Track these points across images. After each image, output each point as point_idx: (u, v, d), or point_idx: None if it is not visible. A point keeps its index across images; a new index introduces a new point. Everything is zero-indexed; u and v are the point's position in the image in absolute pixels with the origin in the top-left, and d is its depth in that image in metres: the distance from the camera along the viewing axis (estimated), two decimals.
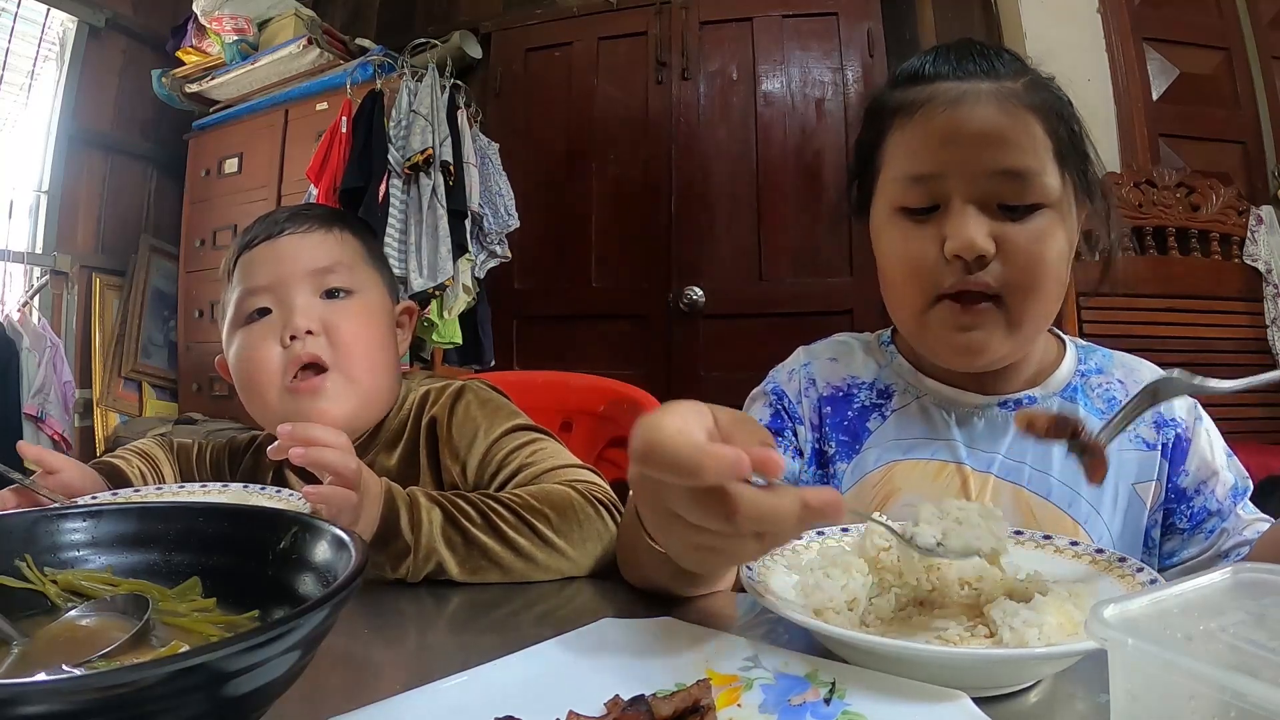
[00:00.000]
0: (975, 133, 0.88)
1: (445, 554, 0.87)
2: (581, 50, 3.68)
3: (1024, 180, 0.87)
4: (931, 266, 0.90)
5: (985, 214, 0.88)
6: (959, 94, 0.90)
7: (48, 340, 3.67)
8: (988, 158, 0.87)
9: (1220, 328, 2.95)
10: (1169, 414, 0.97)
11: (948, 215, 0.89)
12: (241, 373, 1.07)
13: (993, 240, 0.87)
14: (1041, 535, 0.77)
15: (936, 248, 0.89)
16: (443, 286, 3.16)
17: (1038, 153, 0.88)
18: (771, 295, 3.32)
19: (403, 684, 0.53)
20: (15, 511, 0.59)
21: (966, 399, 0.99)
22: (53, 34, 3.97)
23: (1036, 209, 0.88)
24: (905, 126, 0.93)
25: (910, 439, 0.99)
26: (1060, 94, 0.94)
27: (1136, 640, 0.39)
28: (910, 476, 0.98)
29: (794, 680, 0.55)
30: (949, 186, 0.89)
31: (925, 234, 0.90)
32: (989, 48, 0.95)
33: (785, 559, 0.74)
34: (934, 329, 0.92)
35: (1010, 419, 0.96)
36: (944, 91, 0.90)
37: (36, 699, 0.35)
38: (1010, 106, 0.88)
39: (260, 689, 0.42)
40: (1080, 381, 1.00)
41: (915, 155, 0.92)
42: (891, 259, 0.95)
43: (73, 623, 0.54)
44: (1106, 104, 3.08)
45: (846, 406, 1.04)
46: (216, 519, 0.61)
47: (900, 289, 0.94)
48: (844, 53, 3.38)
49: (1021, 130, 0.88)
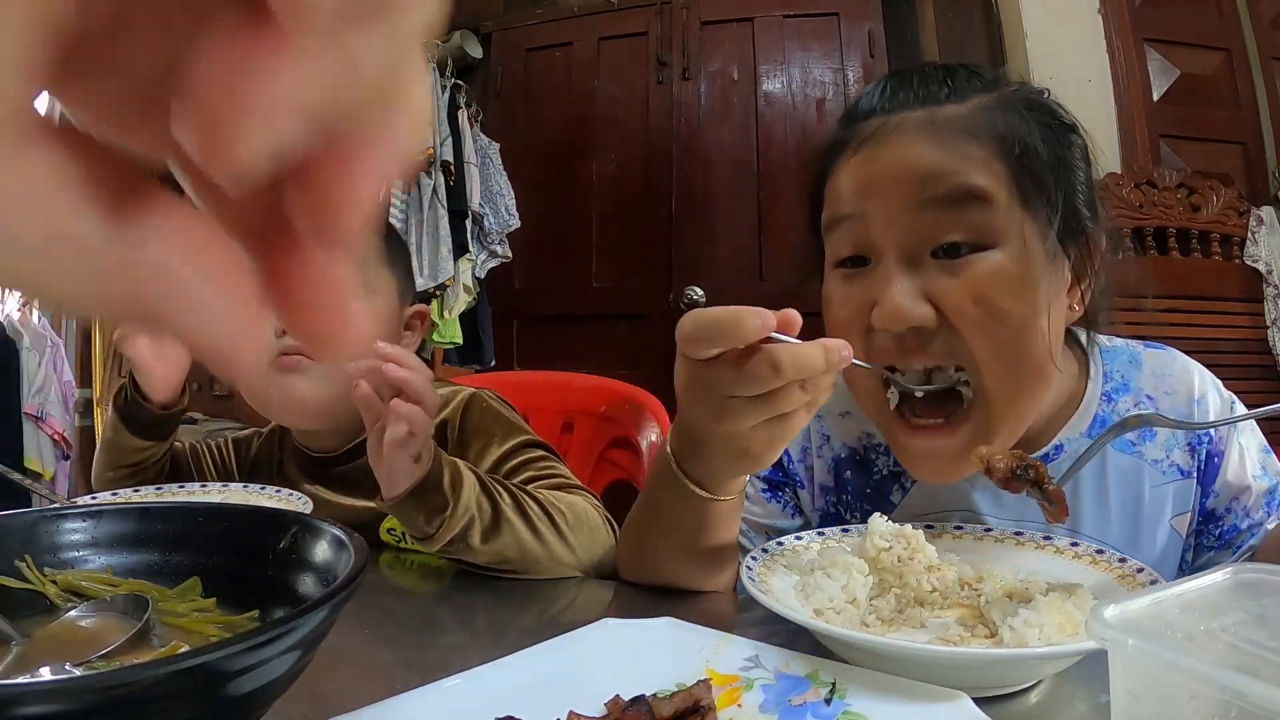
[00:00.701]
0: (891, 165, 0.77)
1: (475, 518, 0.87)
2: (582, 50, 3.69)
3: (958, 211, 0.74)
4: (865, 336, 0.79)
5: (917, 271, 0.76)
6: (879, 127, 0.79)
7: (48, 339, 3.67)
8: (906, 191, 0.75)
9: (1221, 328, 2.94)
10: (1206, 440, 0.88)
11: (878, 273, 0.77)
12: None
13: (927, 303, 0.74)
14: (1042, 536, 0.77)
15: (868, 311, 0.77)
16: (443, 286, 3.16)
17: (976, 176, 0.74)
18: (772, 295, 3.31)
19: (403, 684, 0.53)
20: (15, 512, 0.59)
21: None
22: None
23: (981, 250, 0.74)
24: (834, 169, 0.83)
25: (935, 512, 0.89)
26: (1054, 114, 0.82)
27: (1137, 640, 0.39)
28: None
29: (794, 680, 0.55)
30: (874, 233, 0.77)
31: (857, 294, 0.79)
32: (944, 68, 0.82)
33: (785, 559, 0.74)
34: (892, 431, 0.82)
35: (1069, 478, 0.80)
36: (867, 128, 0.80)
37: (36, 699, 0.35)
38: (941, 133, 0.76)
39: (260, 689, 0.42)
40: (1108, 410, 0.89)
41: (836, 198, 0.82)
42: (828, 324, 0.83)
43: (72, 623, 0.54)
44: (1107, 104, 3.08)
45: (867, 474, 0.95)
46: (216, 519, 0.61)
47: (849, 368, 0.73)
48: (845, 53, 3.38)
49: (953, 156, 0.75)
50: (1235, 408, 0.89)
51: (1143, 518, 0.87)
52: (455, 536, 0.86)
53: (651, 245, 3.48)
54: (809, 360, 0.65)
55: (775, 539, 0.78)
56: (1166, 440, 0.88)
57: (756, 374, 0.65)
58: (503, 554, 0.89)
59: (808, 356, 0.65)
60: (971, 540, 0.80)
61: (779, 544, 0.77)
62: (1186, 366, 0.92)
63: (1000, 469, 0.67)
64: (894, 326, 0.75)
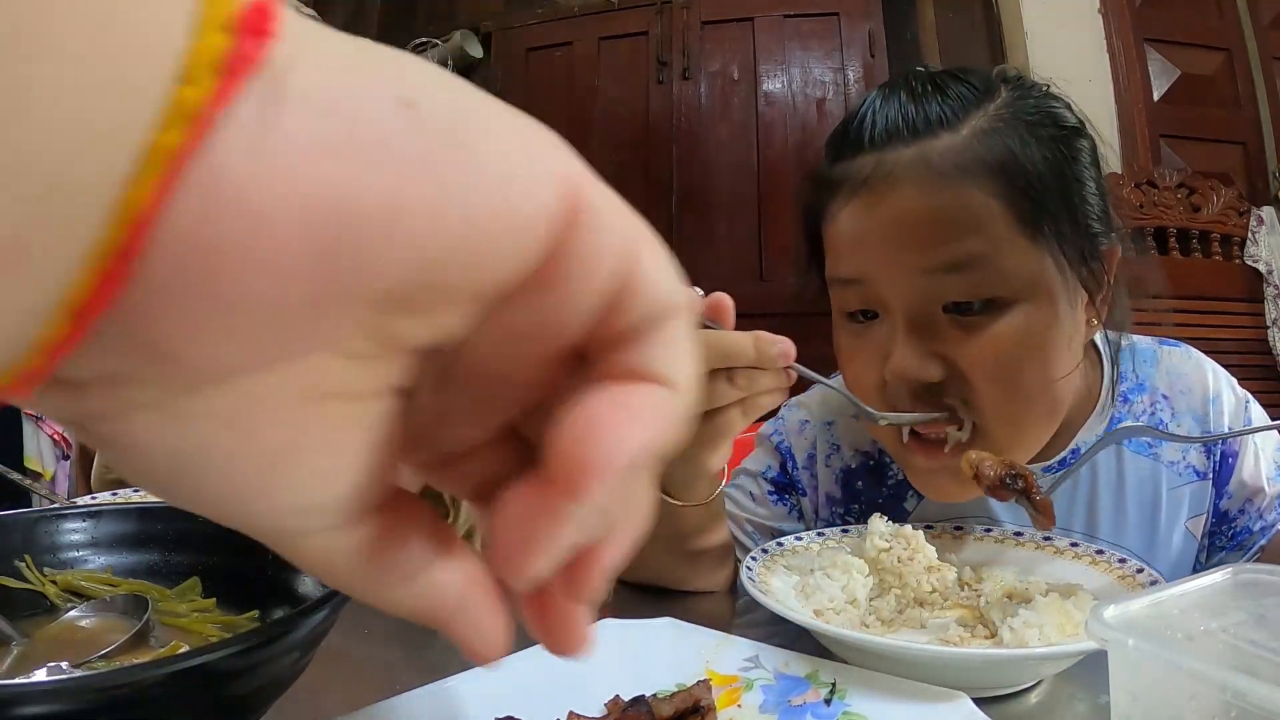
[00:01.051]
0: (889, 225, 0.73)
1: (476, 526, 0.86)
2: (582, 50, 3.69)
3: (968, 273, 0.71)
4: (879, 389, 0.76)
5: (929, 326, 0.73)
6: (872, 169, 0.74)
7: None
8: (909, 257, 0.72)
9: (1221, 329, 2.94)
10: (1217, 427, 0.87)
11: (886, 327, 0.75)
12: None
13: (937, 362, 0.72)
14: (1042, 536, 0.77)
15: (880, 364, 0.75)
16: None
17: (983, 231, 0.70)
18: (772, 295, 3.32)
19: (403, 684, 0.53)
20: (15, 511, 0.59)
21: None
22: None
23: (998, 307, 0.71)
24: (831, 211, 0.79)
25: (952, 519, 0.87)
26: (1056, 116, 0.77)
27: (1137, 640, 0.39)
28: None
29: (794, 681, 0.55)
30: (881, 292, 0.74)
31: (868, 347, 0.77)
32: (935, 80, 0.77)
33: (785, 559, 0.75)
34: (905, 458, 0.80)
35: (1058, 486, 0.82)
36: (859, 168, 0.75)
37: (36, 699, 0.35)
38: (937, 178, 0.71)
39: (260, 689, 0.42)
40: (1123, 410, 0.88)
41: (837, 255, 0.78)
42: (845, 372, 0.82)
43: (72, 623, 0.54)
44: (1107, 105, 3.08)
45: (879, 481, 0.93)
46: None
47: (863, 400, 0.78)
48: (845, 53, 3.37)
49: (954, 209, 0.70)
50: (1250, 407, 0.89)
51: (1160, 521, 0.86)
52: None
53: None
54: (733, 346, 0.65)
55: (776, 539, 0.78)
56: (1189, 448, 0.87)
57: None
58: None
59: (733, 343, 0.65)
60: (971, 540, 0.80)
61: (779, 544, 0.77)
62: (1201, 365, 0.92)
63: (989, 476, 0.66)
64: (904, 385, 0.73)
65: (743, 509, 0.97)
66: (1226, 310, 2.97)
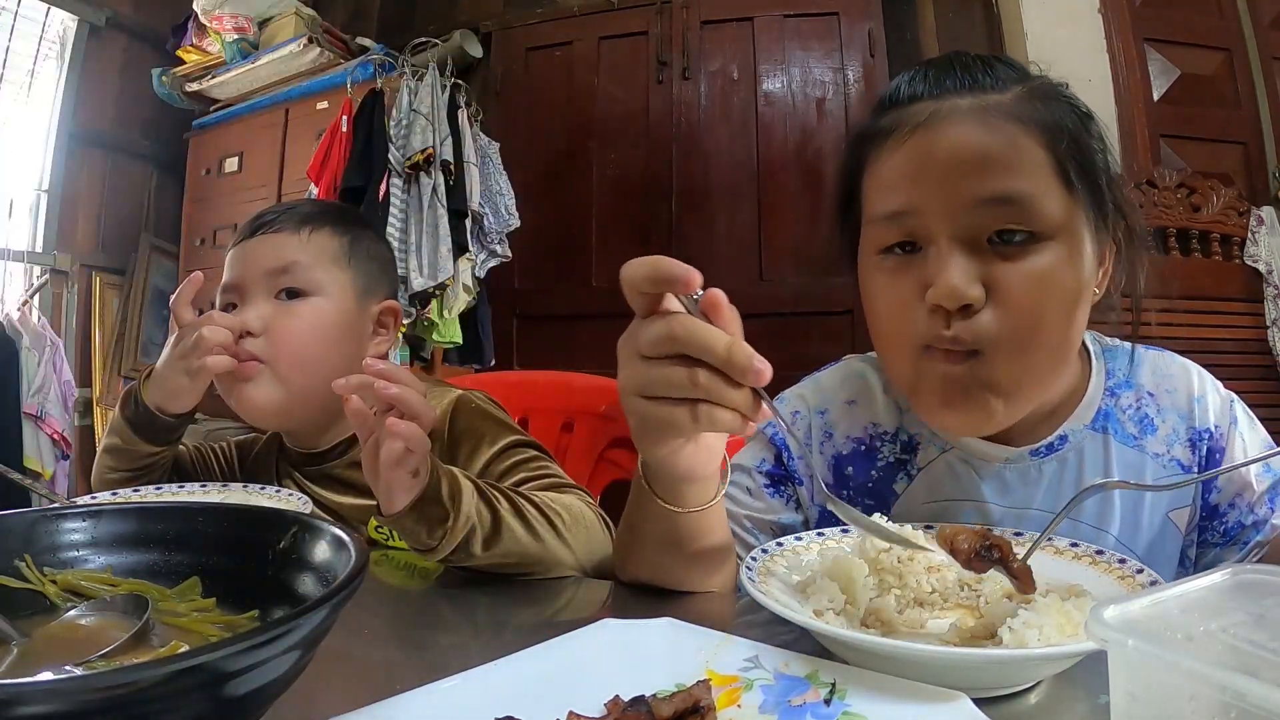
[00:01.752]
0: (947, 158, 0.77)
1: (476, 527, 0.86)
2: (582, 50, 3.69)
3: (1016, 207, 0.76)
4: (914, 317, 0.79)
5: (974, 252, 0.77)
6: (929, 114, 0.79)
7: (48, 339, 3.67)
8: (965, 186, 0.76)
9: (1221, 328, 2.95)
10: (1202, 424, 0.90)
11: (930, 256, 0.78)
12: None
13: (981, 285, 0.76)
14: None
15: (919, 295, 0.78)
16: (443, 286, 3.16)
17: (1032, 173, 0.77)
18: (772, 295, 3.32)
19: (403, 684, 0.53)
20: (15, 511, 0.59)
21: (996, 452, 0.89)
22: (53, 33, 3.98)
23: (1036, 241, 0.76)
24: (877, 158, 0.83)
25: (940, 501, 0.91)
26: (1074, 104, 0.83)
27: (1137, 641, 0.39)
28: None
29: (794, 681, 0.55)
30: (929, 223, 0.78)
31: (908, 280, 0.80)
32: (979, 58, 0.84)
33: (785, 559, 0.75)
34: (923, 395, 0.83)
35: (1044, 468, 0.88)
36: (914, 114, 0.80)
37: (36, 699, 0.35)
38: (993, 121, 0.77)
39: (260, 689, 0.42)
40: (1110, 403, 0.91)
41: (887, 191, 0.82)
42: (874, 310, 0.85)
43: (72, 623, 0.54)
44: (1107, 105, 3.08)
45: (869, 464, 0.96)
46: (216, 519, 0.61)
47: (886, 344, 0.85)
48: (845, 53, 3.38)
49: (1008, 147, 0.77)
50: (1234, 407, 0.91)
51: (1143, 510, 0.89)
52: (457, 546, 0.85)
53: (651, 245, 3.47)
54: (706, 338, 0.63)
55: (775, 539, 0.78)
56: (1168, 435, 0.90)
57: (654, 330, 0.65)
58: (503, 558, 0.89)
59: (708, 335, 0.63)
60: None
61: (779, 544, 0.77)
62: (1185, 366, 0.95)
63: (964, 550, 0.64)
64: (950, 304, 0.76)
65: (740, 505, 0.97)
66: (1226, 310, 2.97)
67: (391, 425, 0.77)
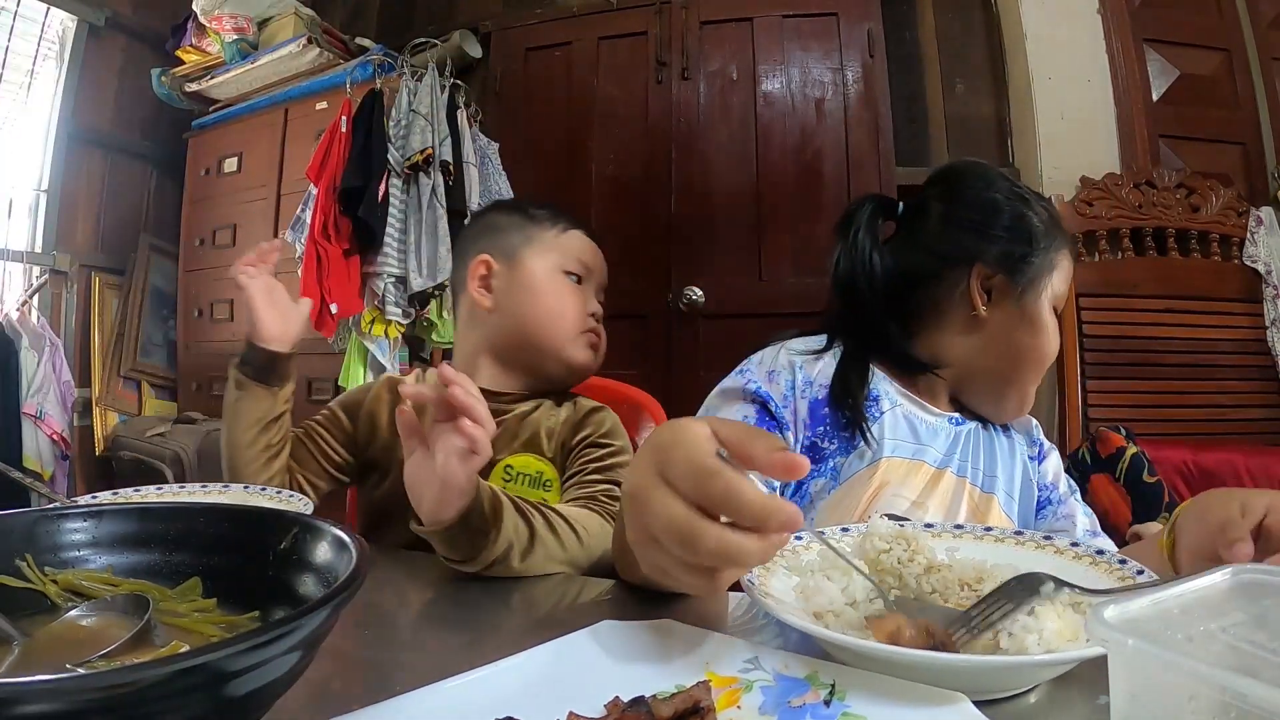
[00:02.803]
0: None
1: (514, 542, 0.91)
2: (581, 50, 3.68)
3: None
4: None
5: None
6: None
7: (47, 339, 3.67)
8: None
9: (1220, 329, 2.95)
10: (1037, 435, 1.29)
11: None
12: (556, 301, 1.35)
13: None
14: (1043, 536, 0.77)
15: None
16: (442, 286, 3.16)
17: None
18: (771, 295, 3.32)
19: (403, 684, 0.53)
20: (15, 511, 0.59)
21: (931, 414, 1.19)
22: (52, 33, 3.97)
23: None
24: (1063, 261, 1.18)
25: (895, 440, 1.14)
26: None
27: (1137, 641, 0.39)
28: (896, 471, 1.12)
29: (794, 682, 0.55)
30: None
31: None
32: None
33: (786, 560, 0.75)
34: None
35: (961, 430, 1.20)
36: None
37: (36, 698, 0.35)
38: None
39: (261, 689, 0.42)
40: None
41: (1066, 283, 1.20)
42: (1052, 345, 1.17)
43: (73, 623, 0.54)
44: (1106, 105, 3.08)
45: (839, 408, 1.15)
46: (217, 519, 0.61)
47: (1040, 369, 1.19)
48: (844, 53, 3.37)
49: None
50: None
51: (1022, 471, 1.23)
52: (496, 559, 0.89)
53: (650, 245, 3.47)
54: (740, 551, 0.55)
55: None
56: (1022, 433, 1.28)
57: (683, 534, 0.56)
58: (534, 569, 0.94)
59: (741, 548, 0.55)
60: (971, 540, 0.80)
61: None
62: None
63: (904, 637, 0.59)
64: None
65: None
66: (1225, 310, 2.98)
67: (462, 425, 0.81)
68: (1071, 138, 3.07)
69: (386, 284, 3.18)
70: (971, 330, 1.17)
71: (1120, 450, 2.34)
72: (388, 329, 3.23)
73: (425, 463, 0.84)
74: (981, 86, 3.40)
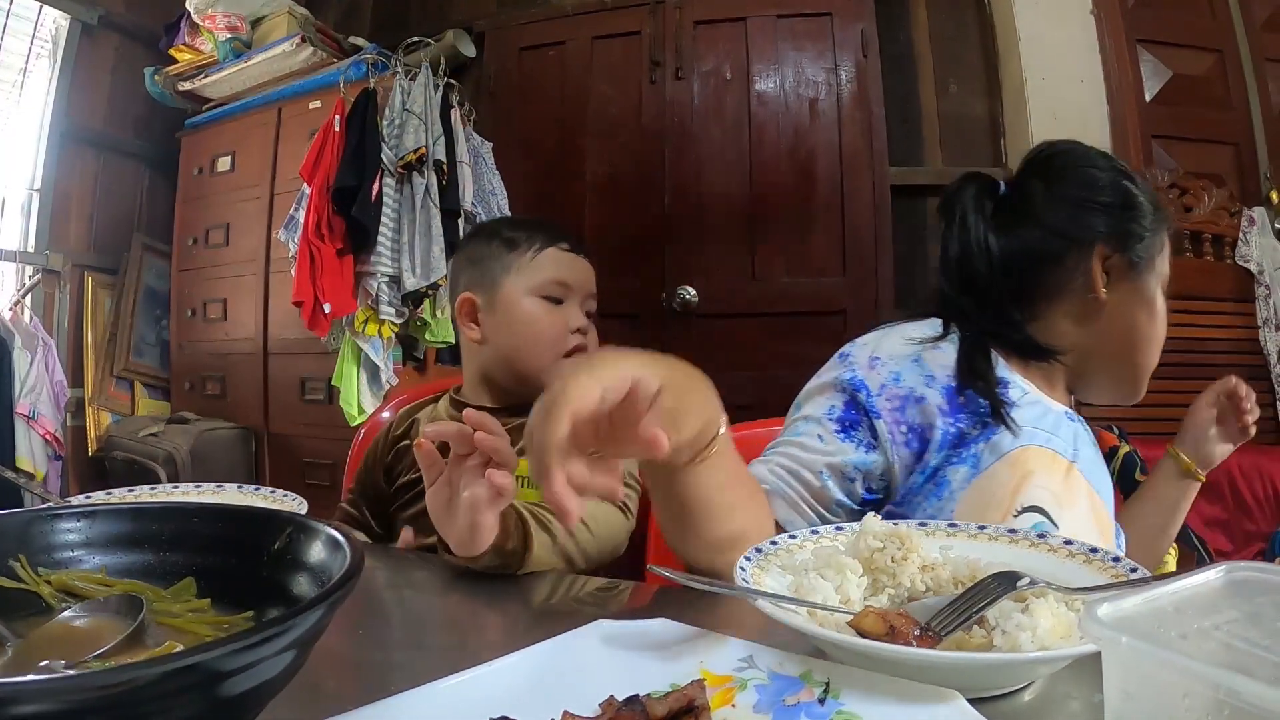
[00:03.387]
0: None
1: (541, 552, 0.96)
2: (575, 49, 3.68)
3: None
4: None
5: None
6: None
7: (40, 339, 3.65)
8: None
9: (1212, 328, 2.96)
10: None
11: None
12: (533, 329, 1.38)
13: None
14: (1036, 534, 0.77)
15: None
16: (436, 286, 3.16)
17: None
18: (765, 295, 3.32)
19: (397, 684, 0.53)
20: (9, 512, 0.59)
21: (1053, 405, 1.12)
22: (45, 31, 3.96)
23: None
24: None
25: (1034, 427, 1.07)
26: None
27: (1131, 639, 0.39)
28: (1039, 460, 1.05)
29: (788, 680, 0.55)
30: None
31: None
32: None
33: (779, 559, 0.75)
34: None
35: (1076, 426, 1.14)
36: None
37: (31, 698, 0.34)
38: None
39: (255, 689, 0.42)
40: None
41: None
42: (1163, 327, 1.17)
43: (67, 623, 0.53)
44: (1099, 105, 3.08)
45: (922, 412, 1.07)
46: (211, 519, 0.61)
47: (1157, 351, 1.17)
48: (838, 53, 3.38)
49: None
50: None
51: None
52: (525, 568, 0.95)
53: (644, 244, 3.47)
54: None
55: (770, 539, 0.78)
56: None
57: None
58: (555, 566, 1.00)
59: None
60: (965, 538, 0.80)
61: (773, 544, 0.77)
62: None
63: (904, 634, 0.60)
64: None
65: (811, 451, 1.06)
66: (1218, 310, 2.98)
67: (491, 475, 0.83)
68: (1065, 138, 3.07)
69: (380, 283, 3.18)
70: (1089, 313, 1.13)
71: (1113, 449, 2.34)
72: (381, 328, 3.23)
73: (447, 496, 0.87)
74: (975, 86, 3.40)
